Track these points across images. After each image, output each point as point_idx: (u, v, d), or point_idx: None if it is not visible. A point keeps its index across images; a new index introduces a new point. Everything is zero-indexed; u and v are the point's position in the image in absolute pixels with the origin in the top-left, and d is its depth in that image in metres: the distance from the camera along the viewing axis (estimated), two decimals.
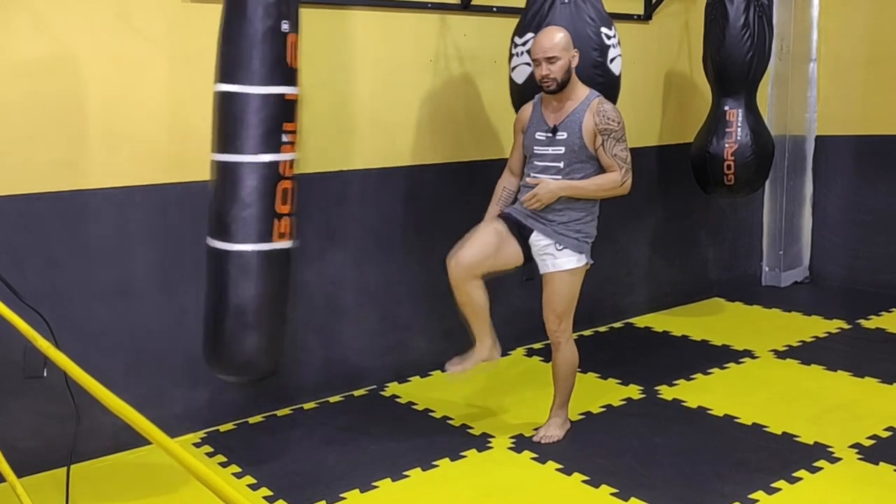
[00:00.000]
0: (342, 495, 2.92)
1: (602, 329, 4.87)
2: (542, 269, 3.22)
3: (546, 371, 3.54)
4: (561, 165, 3.14)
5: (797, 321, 4.98)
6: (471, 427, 3.51)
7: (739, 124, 4.53)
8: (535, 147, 3.20)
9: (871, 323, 4.89)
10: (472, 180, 3.93)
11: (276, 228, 2.82)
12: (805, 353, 4.37)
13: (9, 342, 2.75)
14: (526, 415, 3.56)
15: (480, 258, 3.15)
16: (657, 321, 5.01)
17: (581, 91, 3.17)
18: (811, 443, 3.28)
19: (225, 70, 2.76)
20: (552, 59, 3.05)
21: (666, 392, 3.86)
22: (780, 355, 4.37)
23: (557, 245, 3.16)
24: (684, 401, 3.75)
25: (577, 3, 3.45)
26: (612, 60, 3.48)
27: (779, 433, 3.38)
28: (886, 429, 3.39)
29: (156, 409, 3.31)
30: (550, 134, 3.16)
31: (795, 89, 5.62)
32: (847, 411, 3.61)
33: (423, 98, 4.01)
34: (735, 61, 4.45)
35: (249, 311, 2.82)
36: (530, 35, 3.45)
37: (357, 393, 3.92)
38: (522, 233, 3.22)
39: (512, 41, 3.56)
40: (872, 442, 3.28)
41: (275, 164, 2.79)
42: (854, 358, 4.28)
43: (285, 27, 2.76)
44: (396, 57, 3.90)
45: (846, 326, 4.83)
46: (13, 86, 2.95)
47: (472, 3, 4.06)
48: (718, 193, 4.73)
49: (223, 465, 3.18)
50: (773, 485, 2.94)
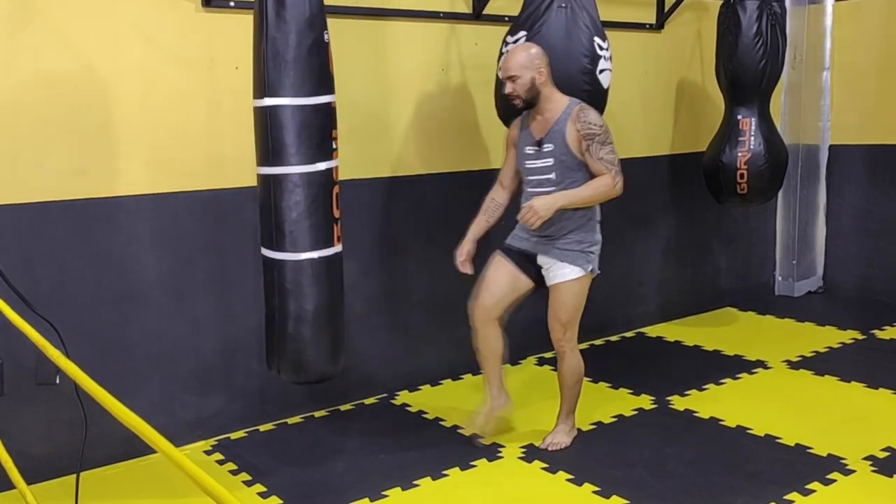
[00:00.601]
0: None
1: (614, 338, 4.85)
2: (548, 282, 3.25)
3: (557, 381, 3.53)
4: (553, 177, 3.15)
5: (810, 331, 4.95)
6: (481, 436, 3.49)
7: (752, 133, 4.51)
8: (526, 162, 3.22)
9: (886, 333, 4.85)
10: (483, 189, 3.91)
11: (335, 233, 2.89)
12: (818, 364, 4.34)
13: (20, 349, 2.76)
14: (536, 424, 3.55)
15: (499, 298, 3.28)
16: (669, 331, 4.99)
17: (560, 102, 3.18)
18: (824, 455, 3.25)
19: (271, 85, 2.75)
20: (513, 78, 3.12)
21: (678, 402, 3.84)
22: (794, 366, 4.33)
23: (561, 260, 3.19)
24: (696, 411, 3.72)
25: (574, 9, 3.46)
26: (602, 72, 3.48)
27: (792, 445, 3.35)
28: None
29: (167, 417, 3.35)
30: (537, 147, 3.18)
31: (808, 98, 5.59)
32: (861, 423, 3.58)
33: (434, 107, 4.01)
34: (748, 70, 4.43)
35: (313, 317, 2.86)
36: (522, 34, 3.46)
37: (367, 401, 3.92)
38: (528, 257, 3.26)
39: (504, 41, 3.56)
40: (887, 454, 3.25)
41: (329, 171, 2.84)
42: (868, 369, 4.24)
43: (327, 37, 2.81)
44: (407, 66, 3.91)
45: (860, 337, 4.80)
46: (26, 94, 2.98)
47: (484, 13, 4.07)
48: (731, 202, 4.71)
49: (233, 473, 3.18)
50: (786, 497, 2.91)
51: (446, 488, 3.06)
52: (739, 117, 4.54)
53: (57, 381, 2.38)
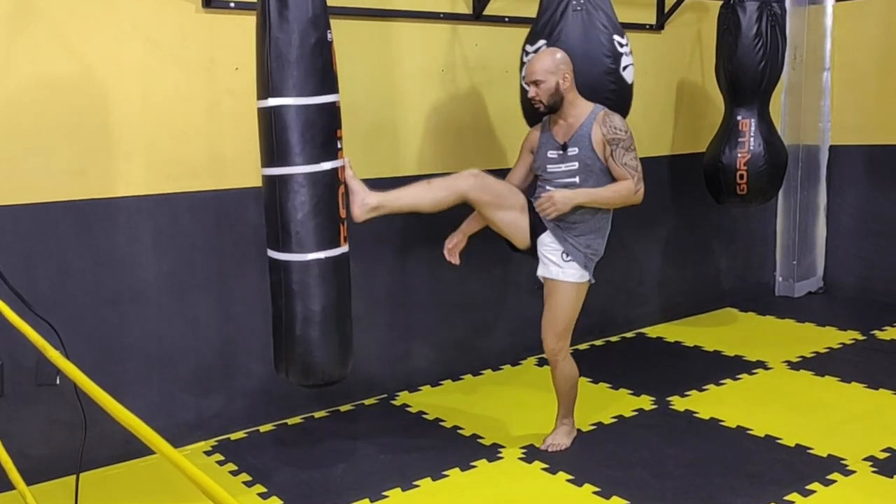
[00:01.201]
0: None
1: (614, 339, 4.85)
2: (545, 273, 3.20)
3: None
4: (577, 181, 3.14)
5: (811, 332, 4.95)
6: (481, 437, 3.50)
7: (752, 134, 4.51)
8: (549, 166, 3.21)
9: (887, 334, 4.84)
10: None
11: (342, 233, 2.89)
12: (819, 365, 4.34)
13: (20, 350, 2.77)
14: (536, 425, 3.55)
15: (498, 189, 3.17)
16: (669, 331, 4.99)
17: (585, 107, 3.19)
18: (825, 455, 3.25)
19: (275, 85, 2.75)
20: (537, 82, 3.12)
21: (678, 403, 3.84)
22: (794, 366, 4.33)
23: (565, 255, 3.16)
24: (696, 412, 3.72)
25: (590, 11, 3.44)
26: (625, 68, 3.48)
27: (792, 445, 3.35)
28: None
29: (167, 418, 3.35)
30: (562, 151, 3.17)
31: (809, 98, 5.59)
32: (861, 423, 3.58)
33: (434, 108, 4.01)
34: (748, 70, 4.43)
35: (321, 318, 2.86)
36: (542, 42, 3.45)
37: (367, 402, 3.92)
38: (537, 227, 3.21)
39: (523, 49, 3.56)
40: (887, 455, 3.25)
41: (334, 171, 2.85)
42: (868, 369, 4.24)
43: (330, 36, 2.81)
44: (407, 66, 3.91)
45: (861, 337, 4.79)
46: (26, 95, 2.98)
47: (484, 13, 4.07)
48: (731, 203, 4.71)
49: (234, 474, 3.18)
50: (786, 498, 2.91)
51: (446, 489, 3.06)
52: (739, 118, 4.54)
53: (57, 382, 2.38)
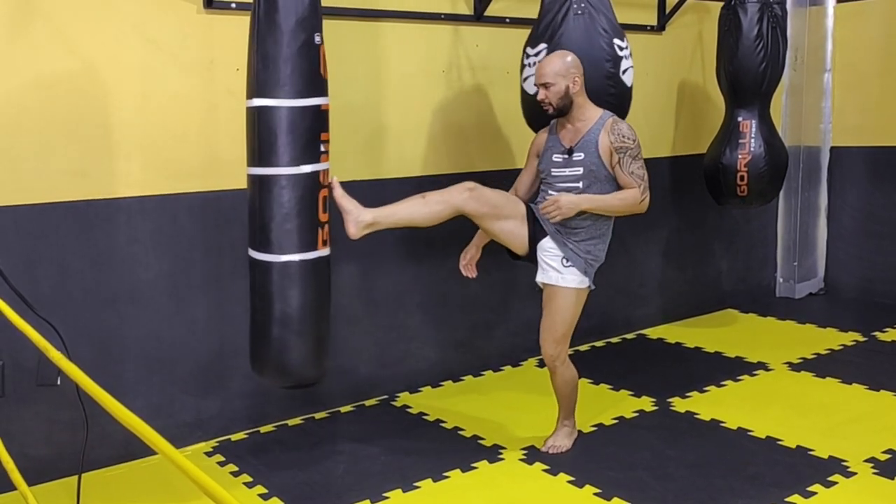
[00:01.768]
0: None
1: (614, 340, 4.85)
2: (544, 279, 3.19)
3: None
4: (581, 186, 3.13)
5: (812, 333, 4.94)
6: (482, 438, 3.49)
7: (753, 135, 4.51)
8: (553, 169, 3.20)
9: (888, 335, 4.84)
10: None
11: (320, 236, 2.87)
12: (820, 366, 4.33)
13: (20, 350, 2.76)
14: (537, 426, 3.54)
15: (494, 200, 3.12)
16: (670, 332, 4.99)
17: (593, 112, 3.18)
18: (826, 457, 3.25)
19: (261, 85, 2.77)
20: (547, 85, 3.12)
21: (679, 404, 3.83)
22: (795, 368, 4.33)
23: (565, 261, 3.15)
24: (697, 413, 3.72)
25: (591, 14, 3.44)
26: (625, 72, 3.48)
27: (793, 447, 3.35)
28: None
29: (167, 418, 3.35)
30: (567, 155, 3.16)
31: (810, 100, 5.59)
32: (862, 425, 3.57)
33: (435, 108, 4.01)
34: (748, 72, 4.43)
35: (296, 320, 2.85)
36: (543, 46, 3.45)
37: (368, 403, 3.91)
38: (536, 233, 3.20)
39: (524, 52, 3.56)
40: (888, 456, 3.25)
41: (315, 174, 2.83)
42: (869, 371, 4.23)
43: (318, 39, 2.80)
44: (408, 67, 3.91)
45: (861, 339, 4.79)
46: (27, 95, 2.98)
47: (485, 14, 4.07)
48: (732, 204, 4.71)
49: (234, 475, 3.18)
50: (787, 499, 2.91)
51: (447, 490, 3.05)
52: (740, 119, 4.53)
53: (58, 383, 2.38)
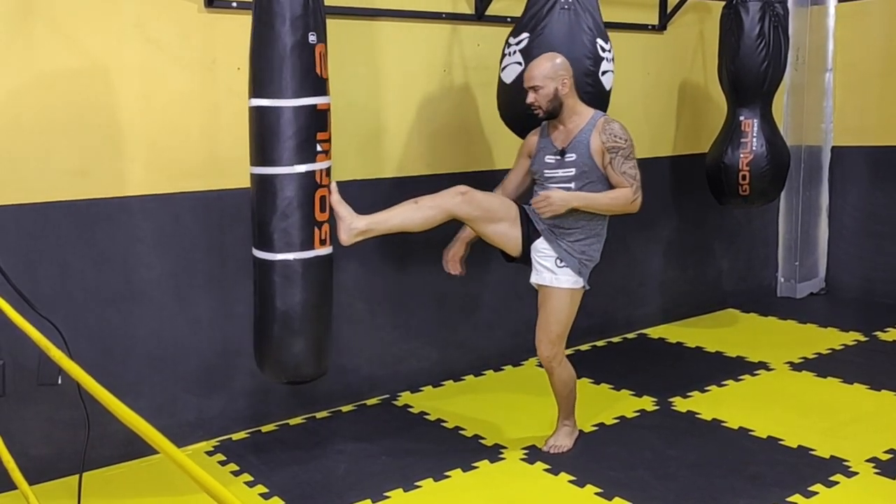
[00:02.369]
0: None
1: (615, 340, 4.85)
2: (538, 280, 3.18)
3: None
4: (573, 186, 3.13)
5: (813, 333, 4.94)
6: (483, 438, 3.49)
7: (755, 135, 4.50)
8: (545, 171, 3.20)
9: (889, 335, 4.84)
10: (485, 190, 3.92)
11: (317, 236, 2.88)
12: (821, 366, 4.33)
13: (21, 349, 2.77)
14: (538, 426, 3.54)
15: (486, 203, 3.13)
16: (671, 332, 4.98)
17: (585, 112, 3.18)
18: (827, 457, 3.24)
19: (257, 85, 2.81)
20: (536, 88, 3.10)
21: (680, 404, 3.83)
22: (796, 367, 4.33)
23: (559, 261, 3.14)
24: (698, 413, 3.72)
25: (577, 11, 3.45)
26: (604, 73, 3.48)
27: (794, 447, 3.35)
28: None
29: (169, 418, 3.35)
30: (559, 156, 3.16)
31: (811, 99, 5.59)
32: (864, 425, 3.57)
33: (436, 108, 4.01)
34: (750, 71, 4.43)
35: (295, 318, 2.89)
36: (525, 35, 3.46)
37: (369, 402, 3.91)
38: (530, 234, 3.20)
39: (506, 41, 3.56)
40: (889, 456, 3.24)
41: (311, 174, 2.84)
42: (871, 371, 4.23)
43: (312, 39, 2.80)
44: (409, 67, 3.91)
45: (863, 338, 4.79)
46: (29, 95, 2.98)
47: (486, 14, 4.07)
48: (733, 204, 4.70)
49: (235, 474, 3.18)
50: (789, 499, 2.91)
51: (448, 490, 3.05)
52: (742, 119, 4.53)
53: (59, 382, 2.38)
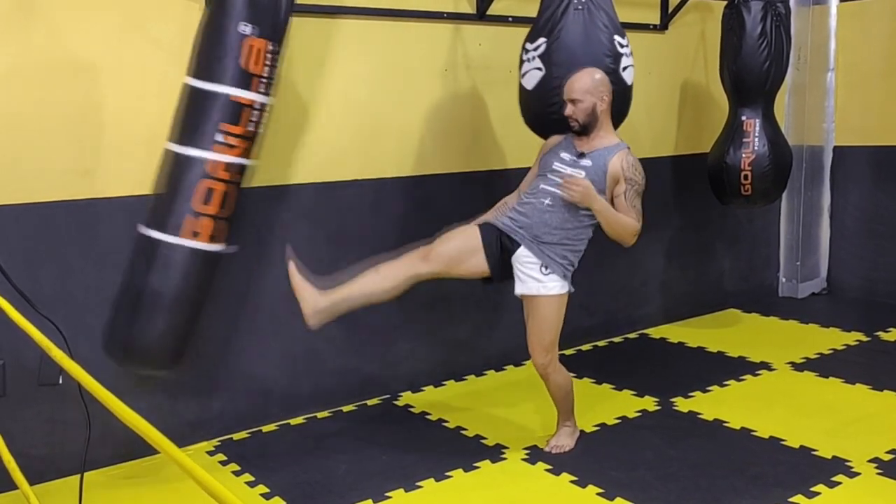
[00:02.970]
0: None
1: (617, 340, 4.84)
2: (524, 290, 3.14)
3: None
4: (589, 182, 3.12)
5: (815, 333, 4.93)
6: (484, 438, 3.49)
7: (756, 134, 4.50)
8: (556, 163, 3.19)
9: (891, 335, 4.83)
10: (486, 189, 3.92)
11: (189, 225, 2.81)
12: (823, 366, 4.32)
13: (22, 349, 2.76)
14: (540, 426, 3.54)
15: (447, 259, 3.10)
16: (672, 332, 4.98)
17: (612, 137, 3.21)
18: (829, 457, 3.24)
19: (190, 61, 2.88)
20: (575, 101, 3.12)
21: (681, 404, 3.83)
22: (798, 368, 4.32)
23: (544, 268, 3.11)
24: (700, 413, 3.71)
25: (591, 10, 3.44)
26: (625, 69, 3.47)
27: (796, 447, 3.34)
28: None
29: (169, 418, 3.34)
30: (576, 157, 3.17)
31: (813, 99, 5.58)
32: (866, 425, 3.57)
33: (437, 107, 4.01)
34: (752, 71, 4.42)
35: (142, 299, 2.82)
36: (542, 40, 3.44)
37: (370, 402, 3.91)
38: (505, 244, 3.15)
39: (523, 47, 3.55)
40: (892, 456, 3.24)
41: (200, 161, 2.80)
42: (873, 371, 4.23)
43: (244, 30, 2.77)
44: (410, 66, 3.91)
45: (865, 339, 4.78)
46: (28, 94, 2.98)
47: (488, 13, 4.06)
48: (735, 204, 4.70)
49: (236, 474, 3.18)
50: (791, 499, 2.90)
51: (449, 490, 3.05)
52: (743, 118, 4.53)
53: (59, 382, 2.38)
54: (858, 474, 3.10)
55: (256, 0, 2.76)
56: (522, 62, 3.53)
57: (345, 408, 3.84)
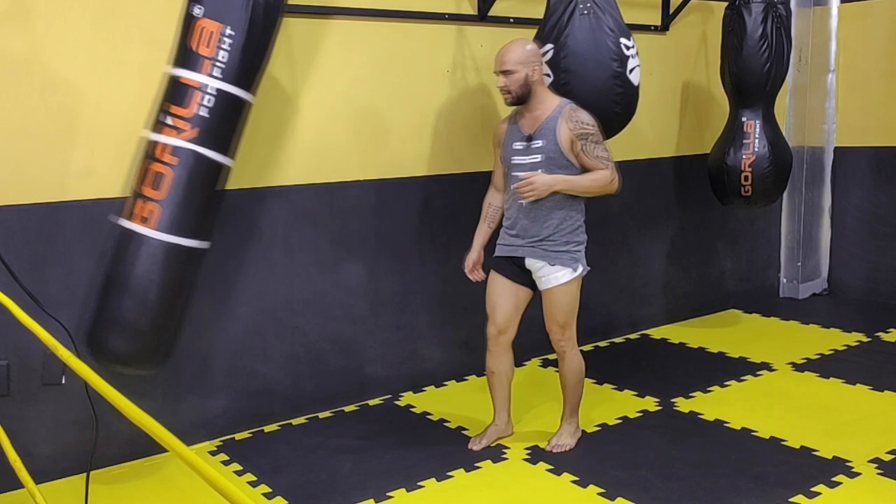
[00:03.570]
0: None
1: (618, 340, 4.85)
2: (542, 286, 3.24)
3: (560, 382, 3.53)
4: (540, 173, 3.14)
5: (815, 333, 4.94)
6: None
7: (757, 135, 4.51)
8: (513, 157, 3.22)
9: (891, 336, 4.84)
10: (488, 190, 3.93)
11: (136, 209, 2.79)
12: (823, 366, 4.33)
13: (27, 349, 2.78)
14: (541, 426, 3.55)
15: (511, 314, 3.31)
16: (674, 332, 4.99)
17: (552, 100, 3.19)
18: (830, 457, 3.25)
19: None
20: (507, 73, 3.12)
21: (682, 404, 3.84)
22: (799, 368, 4.33)
23: (551, 263, 3.18)
24: (701, 413, 3.72)
25: (597, 14, 3.45)
26: (632, 71, 3.48)
27: (797, 447, 3.35)
28: None
29: (171, 417, 3.35)
30: (526, 142, 3.18)
31: (814, 100, 5.59)
32: (866, 425, 3.57)
33: (440, 108, 4.02)
34: (753, 72, 4.43)
35: (105, 287, 2.84)
36: (549, 47, 3.45)
37: (372, 402, 3.92)
38: (516, 262, 3.25)
39: None
40: (892, 457, 3.25)
41: (148, 142, 2.84)
42: (873, 371, 4.23)
43: (196, 11, 2.80)
44: (413, 67, 3.92)
45: (865, 339, 4.79)
46: (33, 96, 2.99)
47: (489, 14, 4.07)
48: (736, 204, 4.71)
49: (238, 474, 3.19)
50: (791, 500, 2.91)
51: (451, 490, 3.06)
52: (744, 119, 4.54)
53: (62, 382, 2.39)
54: (859, 474, 3.10)
55: None
56: None
57: (346, 408, 3.85)
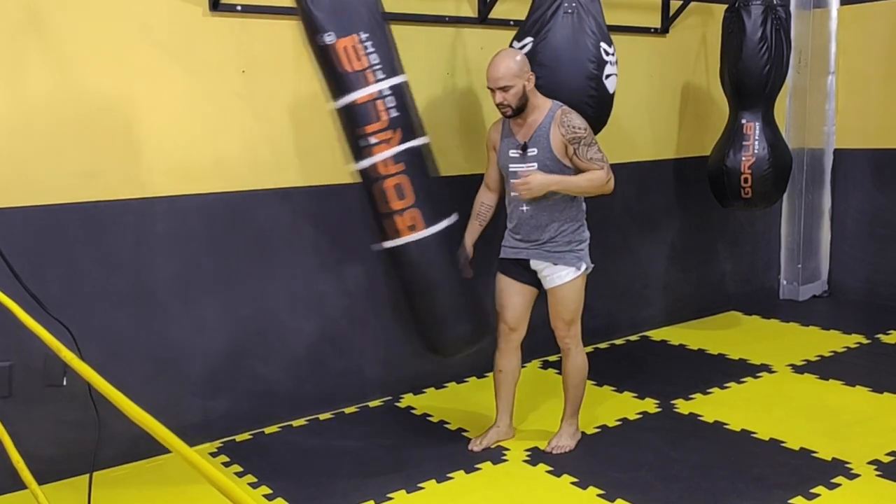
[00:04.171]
0: None
1: (618, 342, 4.86)
2: (548, 285, 3.28)
3: (561, 383, 3.54)
4: (536, 171, 3.15)
5: (815, 335, 4.95)
6: None
7: (757, 137, 4.52)
8: (510, 165, 3.24)
9: (891, 338, 4.85)
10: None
11: (398, 225, 2.98)
12: (823, 368, 4.34)
13: (30, 351, 2.79)
14: (541, 427, 3.56)
15: (521, 313, 3.35)
16: (674, 334, 4.99)
17: (544, 105, 3.20)
18: (829, 459, 3.25)
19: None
20: (505, 88, 3.11)
21: (682, 406, 3.84)
22: (798, 370, 4.34)
23: (555, 263, 3.22)
24: (701, 415, 3.73)
25: (580, 14, 3.46)
26: (608, 77, 3.49)
27: (796, 449, 3.36)
28: None
29: (172, 419, 3.33)
30: (521, 151, 3.19)
31: (813, 102, 5.60)
32: (866, 427, 3.58)
33: (440, 111, 4.02)
34: (752, 74, 4.44)
35: (413, 298, 3.13)
36: (529, 39, 3.47)
37: (372, 404, 3.93)
38: (522, 263, 3.29)
39: (510, 45, 3.57)
40: (891, 458, 3.25)
41: (364, 171, 2.96)
42: (873, 373, 4.24)
43: (328, 39, 2.84)
44: (413, 70, 3.90)
45: (865, 341, 4.80)
46: (37, 98, 3.00)
47: (489, 17, 4.08)
48: (736, 207, 4.72)
49: (239, 475, 3.19)
50: (791, 501, 2.92)
51: (451, 491, 3.07)
52: (744, 121, 4.54)
53: (64, 383, 2.40)
54: (858, 476, 3.11)
55: (323, 5, 2.81)
56: None
57: (347, 409, 3.85)
